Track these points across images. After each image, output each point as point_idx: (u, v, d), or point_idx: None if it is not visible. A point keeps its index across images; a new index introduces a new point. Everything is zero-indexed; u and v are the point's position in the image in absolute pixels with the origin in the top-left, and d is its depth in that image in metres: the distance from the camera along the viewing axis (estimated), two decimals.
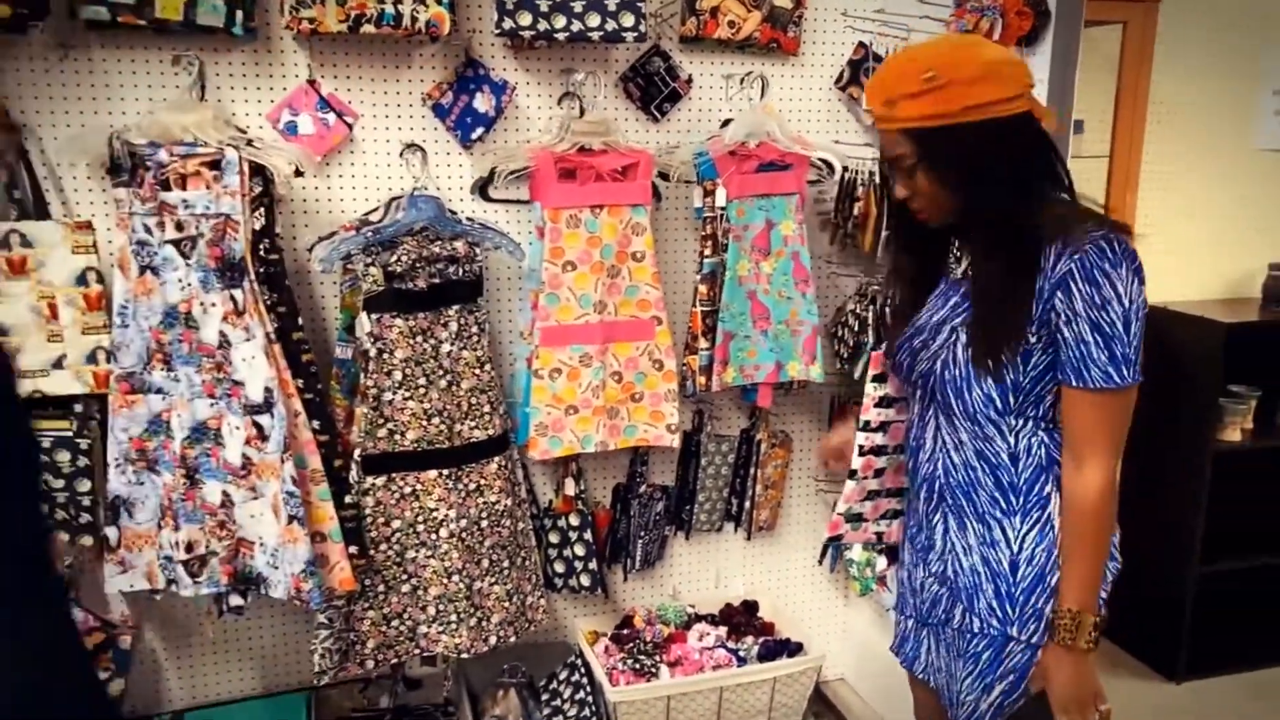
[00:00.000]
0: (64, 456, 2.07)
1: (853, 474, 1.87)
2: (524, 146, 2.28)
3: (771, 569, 2.85)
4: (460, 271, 2.19)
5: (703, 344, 2.39)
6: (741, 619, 2.67)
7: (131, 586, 2.10)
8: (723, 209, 2.34)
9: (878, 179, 2.45)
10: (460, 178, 2.35)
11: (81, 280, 2.00)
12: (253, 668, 2.45)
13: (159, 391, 2.03)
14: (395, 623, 2.23)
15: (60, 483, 2.09)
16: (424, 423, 2.17)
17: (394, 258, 2.10)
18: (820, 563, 2.87)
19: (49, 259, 1.98)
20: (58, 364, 2.04)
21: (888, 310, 2.30)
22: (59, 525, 2.12)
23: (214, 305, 1.98)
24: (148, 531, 2.09)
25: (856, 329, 2.49)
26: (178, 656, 2.38)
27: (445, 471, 2.20)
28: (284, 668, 2.46)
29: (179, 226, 1.96)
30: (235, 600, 2.14)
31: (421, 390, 2.16)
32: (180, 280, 1.98)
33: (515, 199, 2.38)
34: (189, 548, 2.07)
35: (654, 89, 2.42)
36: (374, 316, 2.11)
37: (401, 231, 2.12)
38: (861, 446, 1.86)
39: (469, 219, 2.23)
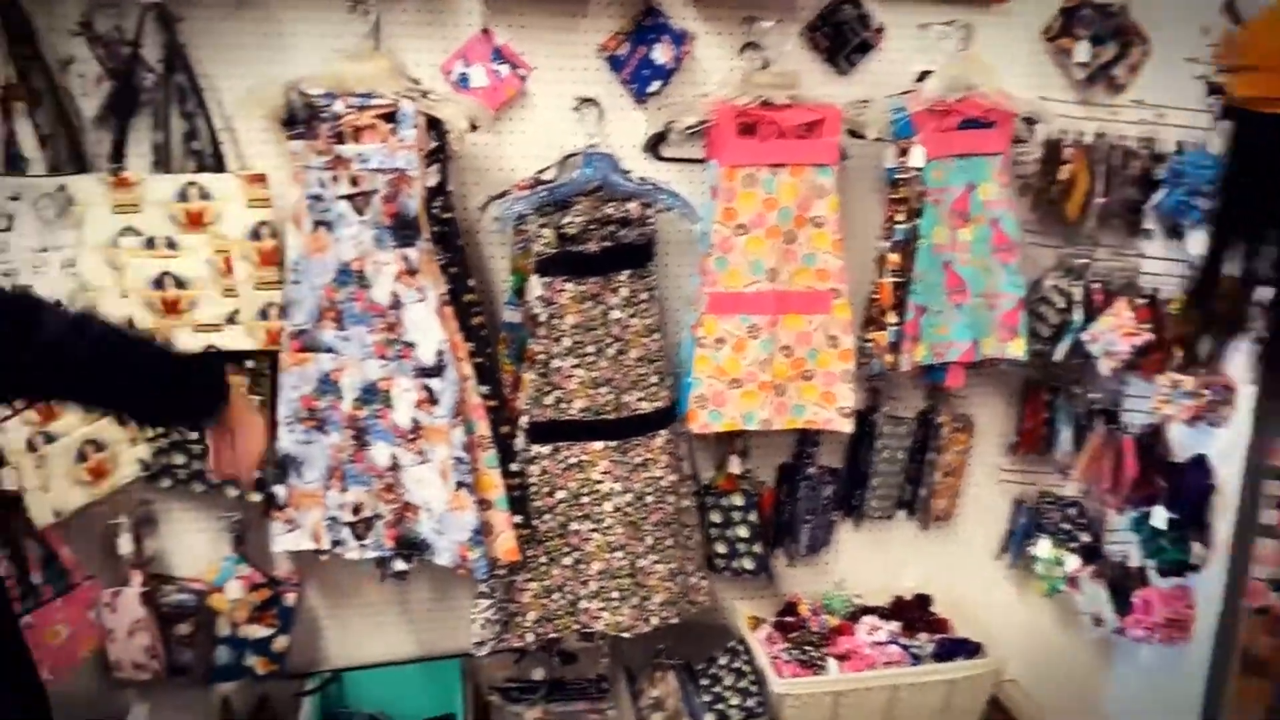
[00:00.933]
0: None
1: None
2: (702, 100, 2.13)
3: (947, 562, 2.66)
4: (633, 234, 2.07)
5: (891, 319, 2.20)
6: (914, 614, 2.49)
7: (298, 546, 2.09)
8: (919, 170, 2.14)
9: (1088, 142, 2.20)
10: (632, 134, 2.23)
11: (256, 235, 1.97)
12: (409, 632, 2.42)
13: (329, 350, 2.00)
14: (556, 596, 2.16)
15: None
16: (591, 391, 2.07)
17: (567, 219, 2.00)
18: (1001, 555, 2.66)
19: (225, 212, 1.96)
20: (231, 319, 2.02)
21: None
22: (227, 480, 2.12)
23: (387, 264, 1.92)
24: (315, 491, 2.07)
25: (1062, 306, 2.26)
26: (337, 616, 2.38)
27: (611, 444, 2.10)
28: (441, 633, 2.43)
29: (354, 181, 1.91)
30: (399, 565, 2.10)
31: (590, 358, 2.06)
32: (354, 237, 1.93)
33: (688, 157, 2.24)
34: (355, 510, 2.03)
35: (842, 39, 2.23)
36: (545, 280, 2.02)
37: (575, 191, 2.01)
38: None
39: (641, 178, 2.11)
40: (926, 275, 2.18)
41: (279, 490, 2.06)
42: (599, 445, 2.09)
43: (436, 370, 1.92)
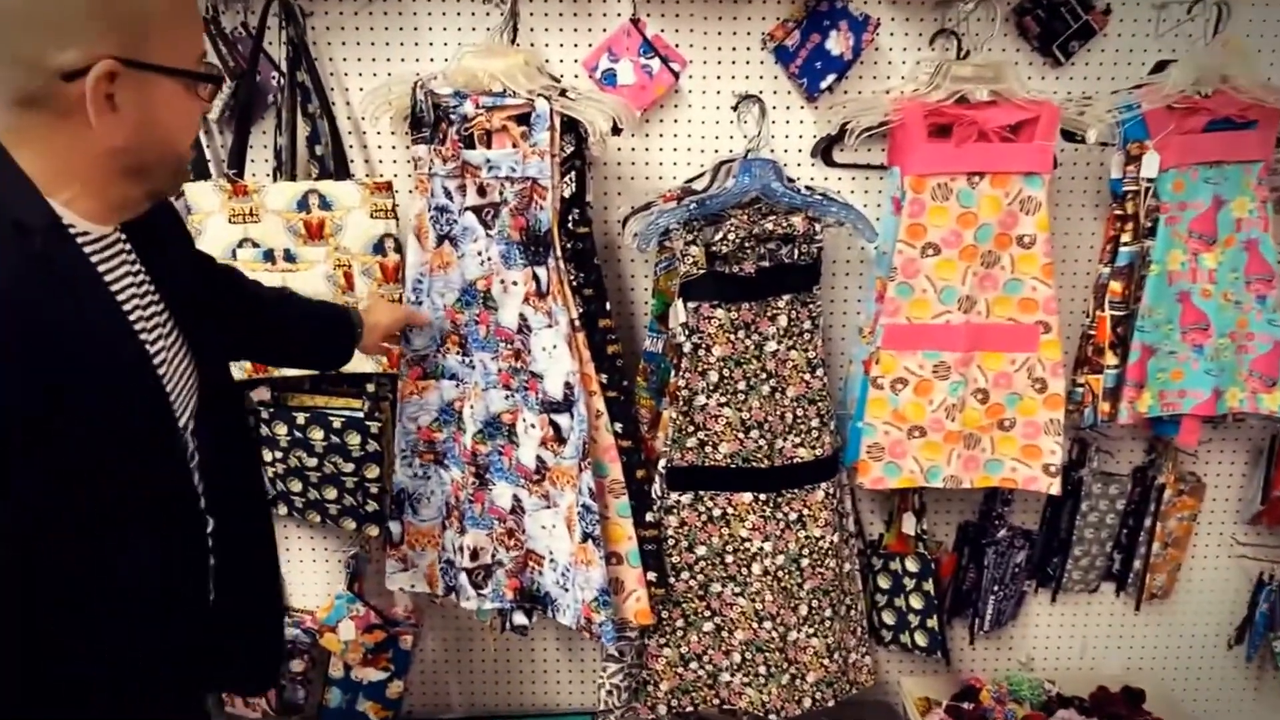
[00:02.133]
0: (354, 439, 1.89)
1: None
2: (884, 97, 1.81)
3: (1164, 649, 2.22)
4: (795, 253, 1.77)
5: (1110, 360, 1.82)
6: (1122, 711, 2.08)
7: (412, 587, 1.91)
8: (1151, 181, 1.75)
9: None
10: (799, 137, 1.93)
11: (379, 248, 1.80)
12: (534, 684, 2.21)
13: (453, 378, 1.81)
14: (694, 665, 1.88)
15: (349, 467, 1.92)
16: (740, 435, 1.79)
17: (719, 235, 1.73)
18: (1234, 646, 2.20)
19: (347, 223, 1.80)
20: None
21: None
22: (345, 512, 1.96)
23: (515, 284, 1.70)
24: (430, 530, 1.88)
25: None
26: (457, 662, 2.19)
27: (762, 496, 1.81)
28: (568, 688, 2.21)
29: (481, 191, 1.70)
30: (519, 619, 1.88)
31: (740, 396, 1.78)
32: (480, 253, 1.72)
33: (864, 163, 1.93)
34: (474, 555, 1.82)
35: (1058, 23, 1.86)
36: (691, 305, 1.75)
37: (730, 203, 1.74)
38: None
39: (808, 188, 1.81)
40: (1157, 309, 1.78)
41: (394, 526, 1.88)
42: (747, 497, 1.81)
43: (564, 405, 1.69)
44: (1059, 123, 1.74)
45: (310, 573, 2.11)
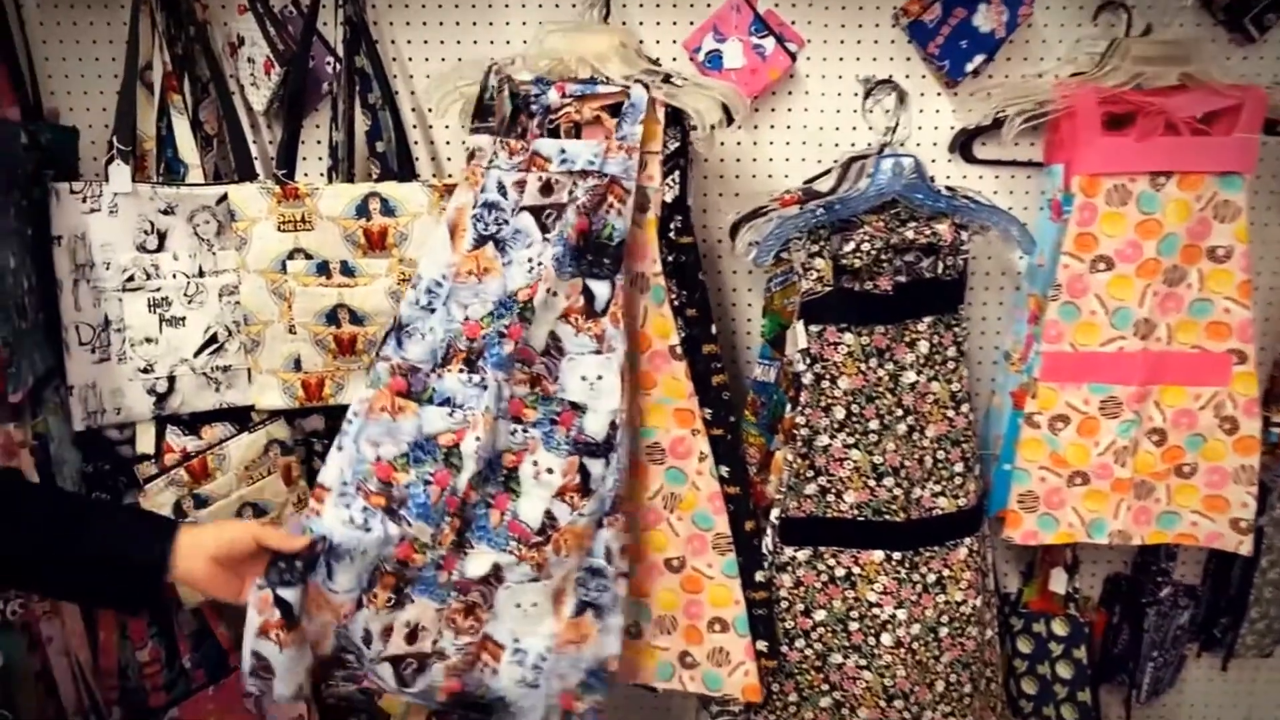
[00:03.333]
0: None
1: None
2: (1044, 81, 1.52)
3: None
4: (939, 267, 1.50)
5: None
6: None
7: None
8: None
9: None
10: (934, 129, 1.65)
11: None
12: None
13: (445, 403, 1.38)
14: None
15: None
16: (871, 482, 1.51)
17: (850, 245, 1.45)
18: None
19: (413, 230, 1.56)
20: None
21: None
22: None
23: (555, 295, 1.37)
24: (340, 605, 1.37)
25: None
26: None
27: (896, 555, 1.53)
28: None
29: (546, 188, 1.40)
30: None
31: (871, 436, 1.50)
32: (531, 260, 1.40)
33: (1011, 160, 1.64)
34: (412, 635, 1.38)
35: None
36: (814, 328, 1.48)
37: (863, 207, 1.46)
38: None
39: (948, 189, 1.53)
40: None
41: (289, 595, 1.28)
42: (877, 555, 1.53)
43: (603, 449, 1.35)
44: (1266, 111, 1.44)
45: None
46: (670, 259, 1.44)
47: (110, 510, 1.28)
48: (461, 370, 1.38)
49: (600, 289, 1.37)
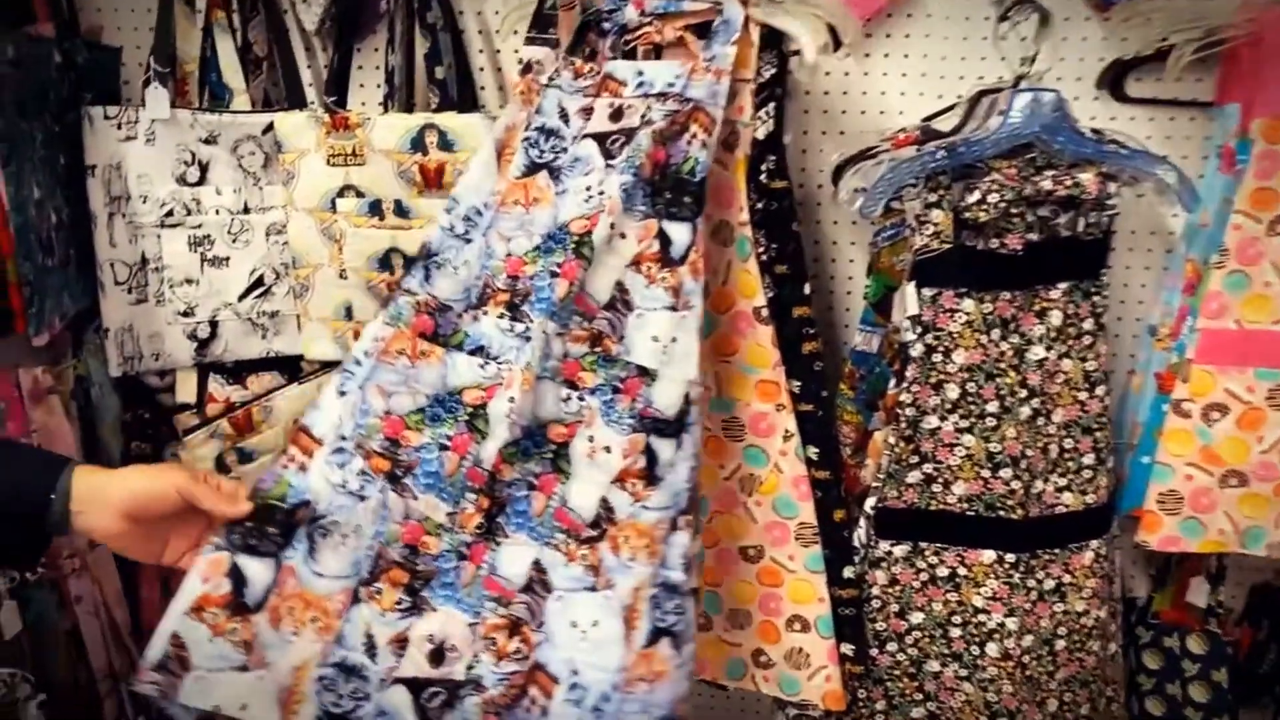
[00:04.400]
0: None
1: None
2: (1223, 2, 1.26)
3: None
4: (1079, 224, 1.27)
5: None
6: None
7: (243, 709, 1.03)
8: None
9: None
10: (1080, 60, 1.41)
11: None
12: None
13: (477, 352, 1.15)
14: None
15: None
16: (985, 472, 1.31)
17: (975, 196, 1.23)
18: None
19: (473, 168, 1.38)
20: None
21: None
22: None
23: (623, 237, 1.16)
24: (324, 598, 1.07)
25: None
26: None
27: (1010, 557, 1.33)
28: None
29: (616, 114, 1.21)
30: None
31: (989, 420, 1.29)
32: (590, 189, 1.18)
33: (1172, 99, 1.39)
34: (436, 655, 1.09)
35: None
36: (928, 291, 1.27)
37: (993, 151, 1.24)
38: None
39: (1095, 132, 1.29)
40: None
41: (254, 567, 1.02)
42: (988, 556, 1.33)
43: (674, 427, 1.13)
44: None
45: None
46: (760, 206, 1.25)
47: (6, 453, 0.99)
48: (502, 315, 1.15)
49: (678, 233, 1.15)
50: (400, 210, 1.42)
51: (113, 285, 1.39)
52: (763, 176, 1.25)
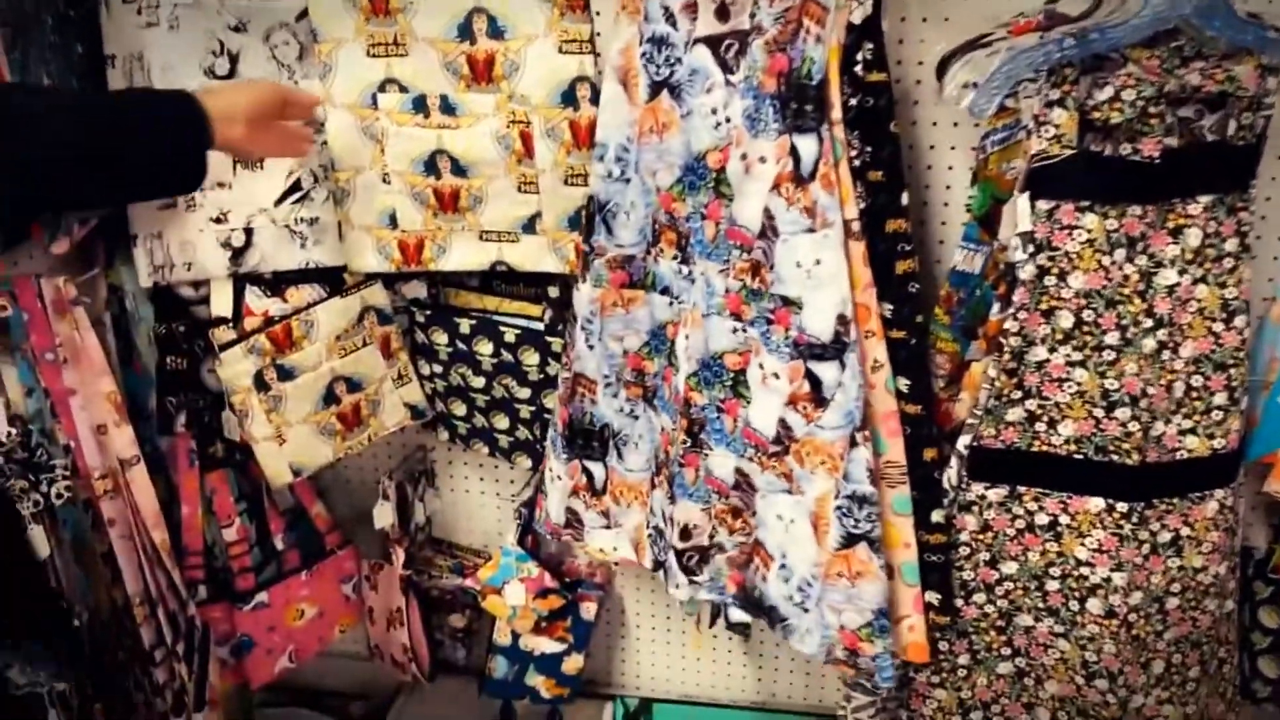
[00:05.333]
0: (531, 357, 1.42)
1: None
2: None
3: None
4: (1230, 127, 1.08)
5: None
6: None
7: (615, 551, 1.44)
8: None
9: None
10: None
11: (569, 98, 1.27)
12: (750, 670, 1.73)
13: (665, 291, 1.28)
14: (976, 716, 1.33)
15: (524, 392, 1.45)
16: (1098, 411, 1.16)
17: (1107, 92, 1.06)
18: None
19: (526, 58, 1.25)
20: (529, 225, 1.35)
21: None
22: (518, 446, 1.51)
23: (761, 161, 1.11)
24: (638, 484, 1.40)
25: None
26: (652, 634, 1.74)
27: (1121, 506, 1.18)
28: (793, 680, 1.72)
29: (722, 11, 1.11)
30: (738, 615, 1.39)
31: (1107, 354, 1.14)
32: (715, 111, 1.14)
33: None
34: (685, 532, 1.32)
35: None
36: (1042, 204, 1.10)
37: (1131, 39, 1.05)
38: None
39: (1251, 15, 1.09)
40: None
41: (595, 469, 1.41)
42: (1095, 504, 1.19)
43: (833, 351, 1.13)
44: None
45: (477, 509, 1.70)
46: (854, 103, 1.09)
47: (131, 99, 1.15)
48: (675, 256, 1.25)
49: (806, 146, 1.09)
50: (447, 107, 1.29)
51: None
52: (858, 68, 1.09)
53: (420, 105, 1.29)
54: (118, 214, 1.30)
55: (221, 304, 1.37)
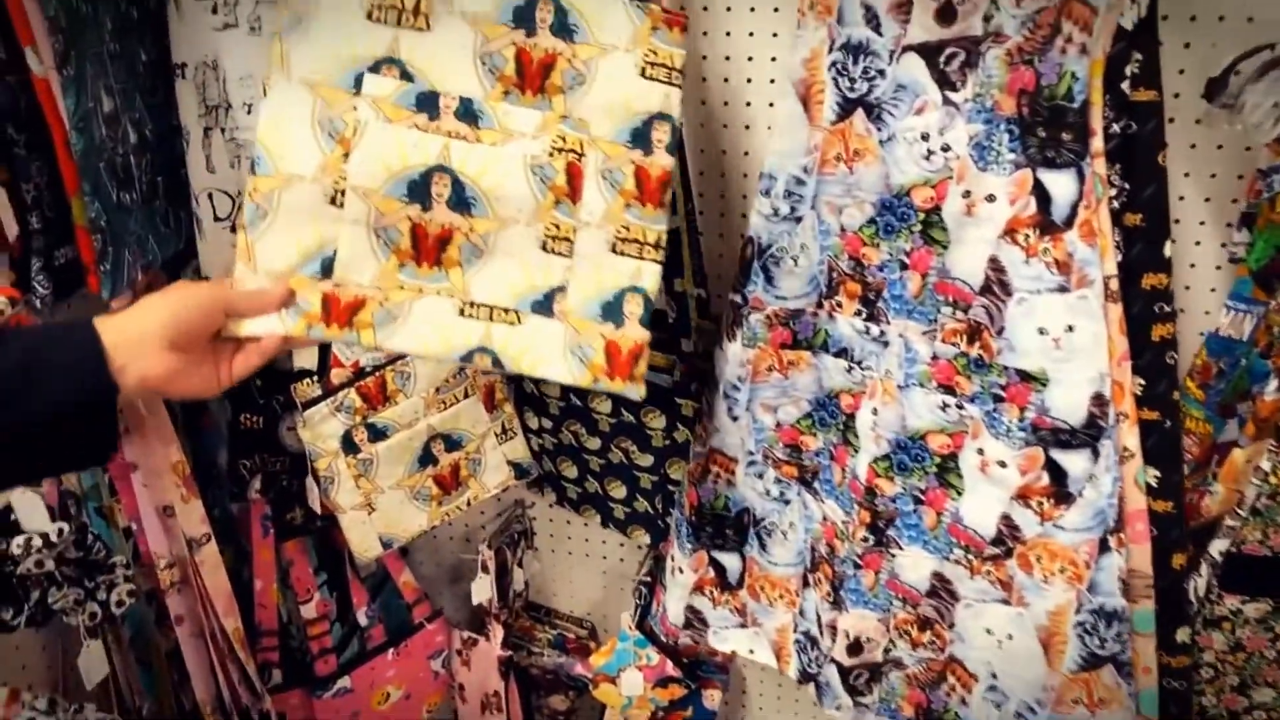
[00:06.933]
0: (656, 421, 1.20)
1: None
2: None
3: None
4: None
5: None
6: None
7: (751, 654, 1.24)
8: None
9: None
10: None
11: (640, 136, 0.92)
12: None
13: (842, 354, 1.05)
14: None
15: (647, 459, 1.24)
16: None
17: None
18: None
19: (596, 72, 0.92)
20: (544, 304, 0.93)
21: None
22: (635, 519, 1.30)
23: (990, 199, 0.88)
24: (783, 580, 1.19)
25: None
26: (777, 713, 1.53)
27: None
28: None
29: (946, 12, 0.87)
30: None
31: None
32: (927, 137, 0.91)
33: None
34: (855, 646, 1.10)
35: None
36: None
37: None
38: None
39: None
40: None
41: (728, 560, 1.20)
42: None
43: (1084, 436, 0.91)
44: None
45: (580, 572, 1.49)
46: (1116, 129, 0.86)
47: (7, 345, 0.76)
48: (858, 312, 1.02)
49: (1060, 185, 0.86)
50: (468, 112, 0.92)
51: (211, 222, 1.07)
52: (1125, 84, 0.85)
53: (428, 103, 0.92)
54: (185, 253, 1.10)
55: (306, 356, 1.16)
